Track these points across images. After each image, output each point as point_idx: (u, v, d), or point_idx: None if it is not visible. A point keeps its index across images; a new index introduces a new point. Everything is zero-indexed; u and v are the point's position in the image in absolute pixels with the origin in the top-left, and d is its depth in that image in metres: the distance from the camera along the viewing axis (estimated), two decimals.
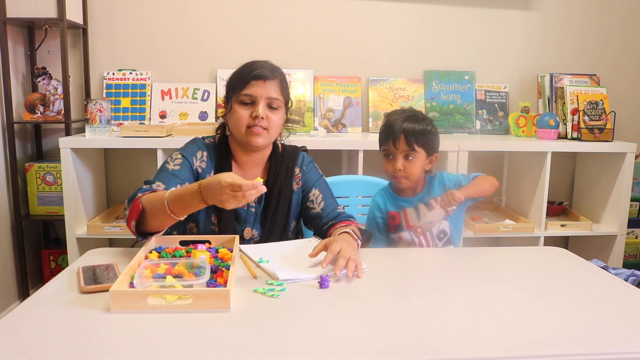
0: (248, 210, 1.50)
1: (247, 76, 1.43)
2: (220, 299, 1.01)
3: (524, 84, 2.87)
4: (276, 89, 1.45)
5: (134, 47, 2.63)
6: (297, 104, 2.67)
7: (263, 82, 1.42)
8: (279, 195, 1.52)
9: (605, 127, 2.55)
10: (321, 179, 1.60)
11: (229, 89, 1.48)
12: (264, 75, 1.42)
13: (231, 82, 1.48)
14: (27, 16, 2.32)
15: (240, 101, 1.43)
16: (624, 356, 0.90)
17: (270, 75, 1.43)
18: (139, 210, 1.25)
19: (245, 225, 1.50)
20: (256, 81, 1.42)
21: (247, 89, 1.42)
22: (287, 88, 1.51)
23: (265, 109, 1.43)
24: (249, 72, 1.43)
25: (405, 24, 2.76)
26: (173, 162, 1.45)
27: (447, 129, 2.76)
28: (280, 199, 1.52)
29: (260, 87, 1.42)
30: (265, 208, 1.51)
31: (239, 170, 1.52)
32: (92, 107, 2.24)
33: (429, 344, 0.90)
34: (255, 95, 1.42)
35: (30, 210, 2.48)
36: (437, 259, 1.43)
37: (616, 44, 2.90)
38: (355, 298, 1.12)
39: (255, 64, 1.45)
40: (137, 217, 1.25)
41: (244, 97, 1.43)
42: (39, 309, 1.01)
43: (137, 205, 1.26)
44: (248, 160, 1.51)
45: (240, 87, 1.43)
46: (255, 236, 1.51)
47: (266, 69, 1.44)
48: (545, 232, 2.50)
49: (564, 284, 1.23)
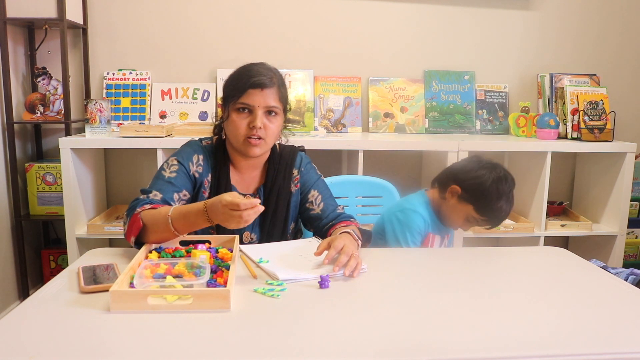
0: None
1: (244, 83, 1.38)
2: (220, 299, 1.01)
3: (524, 84, 2.87)
4: (274, 97, 1.41)
5: (134, 47, 2.63)
6: (297, 104, 2.67)
7: (261, 90, 1.38)
8: (278, 198, 1.50)
9: (605, 127, 2.55)
10: (320, 180, 1.58)
11: (227, 95, 1.44)
12: (262, 84, 1.37)
13: (228, 87, 1.44)
14: (27, 16, 2.32)
15: (238, 109, 1.40)
16: (624, 356, 0.90)
17: (269, 82, 1.39)
18: (139, 226, 1.25)
19: (244, 229, 1.48)
20: (254, 89, 1.37)
21: (244, 98, 1.38)
22: (285, 93, 1.47)
23: (263, 118, 1.39)
24: (246, 80, 1.38)
25: (405, 24, 2.76)
26: (169, 168, 1.42)
27: (447, 129, 2.77)
28: (278, 202, 1.50)
29: (258, 95, 1.38)
30: (264, 211, 1.48)
31: (237, 174, 1.51)
32: (92, 107, 2.24)
33: (429, 344, 0.90)
34: (253, 105, 1.38)
35: (30, 210, 2.48)
36: (437, 259, 1.43)
37: (616, 44, 2.90)
38: (355, 298, 1.12)
39: (253, 70, 1.41)
40: (137, 234, 1.25)
41: (241, 105, 1.39)
42: (39, 309, 1.01)
43: (137, 221, 1.25)
44: (246, 164, 1.50)
45: (238, 95, 1.39)
46: (254, 240, 1.50)
47: (264, 76, 1.39)
48: (545, 232, 2.50)
49: (564, 284, 1.23)
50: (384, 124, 2.73)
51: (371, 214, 1.97)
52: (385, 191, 1.95)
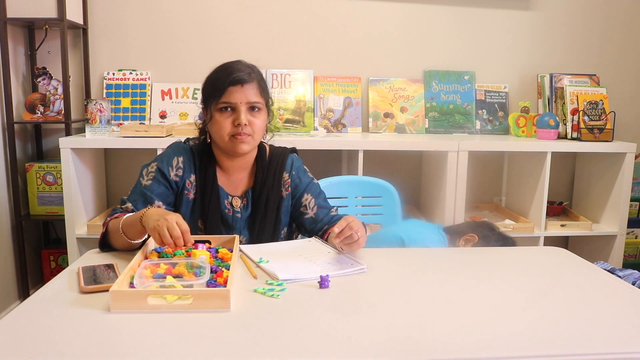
0: (234, 216, 1.47)
1: (223, 82, 1.37)
2: (220, 299, 1.01)
3: (524, 84, 2.87)
4: (255, 92, 1.39)
5: (134, 47, 2.63)
6: (297, 104, 2.67)
7: (241, 86, 1.36)
8: (267, 201, 1.48)
9: (605, 127, 2.55)
10: (312, 183, 1.55)
11: (207, 97, 1.42)
12: (241, 80, 1.36)
13: (207, 89, 1.43)
14: (27, 16, 2.32)
15: (220, 109, 1.39)
16: (624, 356, 0.90)
17: (248, 78, 1.37)
18: (102, 232, 1.36)
19: (232, 231, 1.47)
20: (234, 87, 1.36)
21: (225, 96, 1.37)
22: (266, 87, 1.45)
23: (246, 114, 1.38)
24: (225, 78, 1.37)
25: (405, 24, 2.76)
26: (147, 175, 1.44)
27: (447, 129, 2.77)
28: (268, 206, 1.48)
29: (238, 92, 1.37)
30: (253, 214, 1.48)
31: (224, 175, 1.49)
32: (92, 107, 2.24)
33: (429, 344, 0.90)
34: (235, 102, 1.37)
35: (31, 210, 2.48)
36: (437, 259, 1.43)
37: (616, 44, 2.90)
38: (355, 298, 1.12)
39: (230, 67, 1.39)
40: (100, 239, 1.36)
41: (223, 105, 1.38)
42: (39, 309, 1.01)
43: (104, 226, 1.36)
44: (232, 165, 1.48)
45: (219, 94, 1.37)
46: (243, 242, 1.47)
47: (242, 72, 1.37)
48: (545, 232, 2.50)
49: (564, 284, 1.23)
50: (384, 124, 2.73)
51: (371, 214, 1.97)
52: (385, 191, 1.95)
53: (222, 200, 1.46)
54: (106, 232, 1.35)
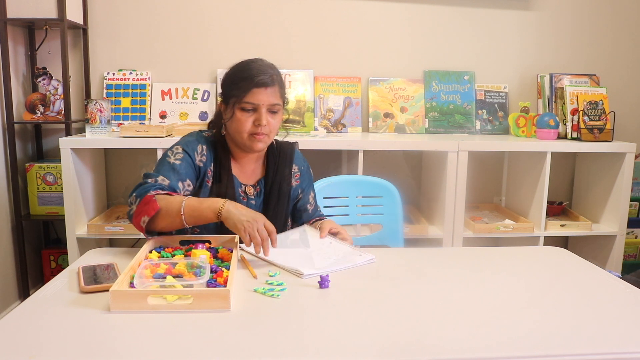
0: (248, 203, 1.52)
1: (248, 84, 1.41)
2: (220, 299, 1.01)
3: (524, 84, 2.87)
4: (276, 95, 1.45)
5: (134, 47, 2.63)
6: (297, 104, 2.67)
7: (265, 89, 1.42)
8: (280, 191, 1.54)
9: (605, 127, 2.55)
10: (312, 182, 1.68)
11: (229, 93, 1.46)
12: (265, 83, 1.42)
13: (229, 85, 1.46)
14: (27, 16, 2.32)
15: (242, 108, 1.43)
16: (624, 356, 0.90)
17: (270, 82, 1.43)
18: (156, 208, 1.26)
19: None
20: (258, 89, 1.41)
21: (249, 97, 1.41)
22: (284, 89, 1.51)
23: (267, 115, 1.43)
24: (250, 79, 1.41)
25: (405, 24, 2.76)
26: (174, 155, 1.43)
27: (447, 129, 2.77)
28: (280, 195, 1.54)
29: (262, 94, 1.42)
30: (266, 202, 1.53)
31: (237, 166, 1.53)
32: (92, 107, 2.24)
33: (429, 344, 0.90)
34: (258, 103, 1.42)
35: (31, 210, 2.48)
36: (437, 259, 1.43)
37: (616, 44, 2.90)
38: (355, 298, 1.12)
39: (255, 68, 1.43)
40: (152, 215, 1.26)
41: (246, 105, 1.42)
42: (39, 309, 1.01)
43: (152, 202, 1.27)
44: (246, 156, 1.53)
45: (242, 94, 1.42)
46: None
47: (266, 75, 1.42)
48: (545, 232, 2.50)
49: (564, 284, 1.23)
50: (384, 124, 2.73)
51: (371, 213, 1.97)
52: (385, 191, 1.95)
53: (237, 189, 1.51)
54: (158, 210, 1.27)
